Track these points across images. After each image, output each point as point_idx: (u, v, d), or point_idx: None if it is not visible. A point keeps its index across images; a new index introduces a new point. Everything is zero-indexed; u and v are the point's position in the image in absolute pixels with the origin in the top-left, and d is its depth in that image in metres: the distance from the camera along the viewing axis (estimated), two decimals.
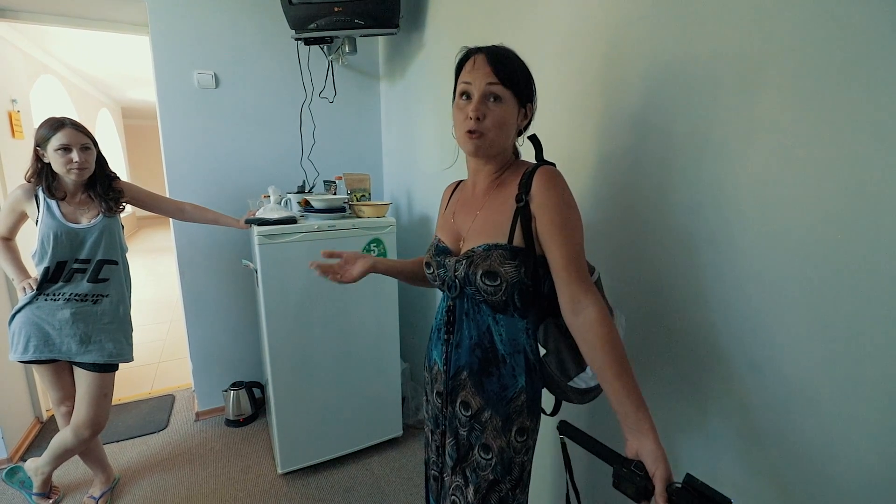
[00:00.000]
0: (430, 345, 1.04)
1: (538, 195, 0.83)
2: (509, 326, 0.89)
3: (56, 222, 1.52)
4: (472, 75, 0.85)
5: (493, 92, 0.84)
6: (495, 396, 0.90)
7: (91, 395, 1.63)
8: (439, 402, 0.99)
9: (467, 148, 0.88)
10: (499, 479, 0.91)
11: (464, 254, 0.90)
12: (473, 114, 0.84)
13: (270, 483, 1.95)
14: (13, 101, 2.46)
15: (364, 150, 2.63)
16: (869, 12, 0.65)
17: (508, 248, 0.84)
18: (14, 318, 1.57)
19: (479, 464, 0.92)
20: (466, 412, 0.92)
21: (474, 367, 0.91)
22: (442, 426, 0.99)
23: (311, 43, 2.18)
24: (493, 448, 0.91)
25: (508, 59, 0.86)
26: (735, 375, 0.88)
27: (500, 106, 0.84)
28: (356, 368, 2.02)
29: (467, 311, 0.93)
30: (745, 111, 0.82)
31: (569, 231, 0.82)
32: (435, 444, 1.03)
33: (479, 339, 0.91)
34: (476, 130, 0.84)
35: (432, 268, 0.97)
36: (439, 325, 0.99)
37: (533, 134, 0.95)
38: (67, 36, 3.78)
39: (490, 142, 0.86)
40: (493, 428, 0.91)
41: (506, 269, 0.83)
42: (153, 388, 2.85)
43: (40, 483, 1.79)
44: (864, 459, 0.71)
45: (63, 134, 1.47)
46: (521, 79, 0.86)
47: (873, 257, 0.67)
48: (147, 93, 6.78)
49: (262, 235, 1.74)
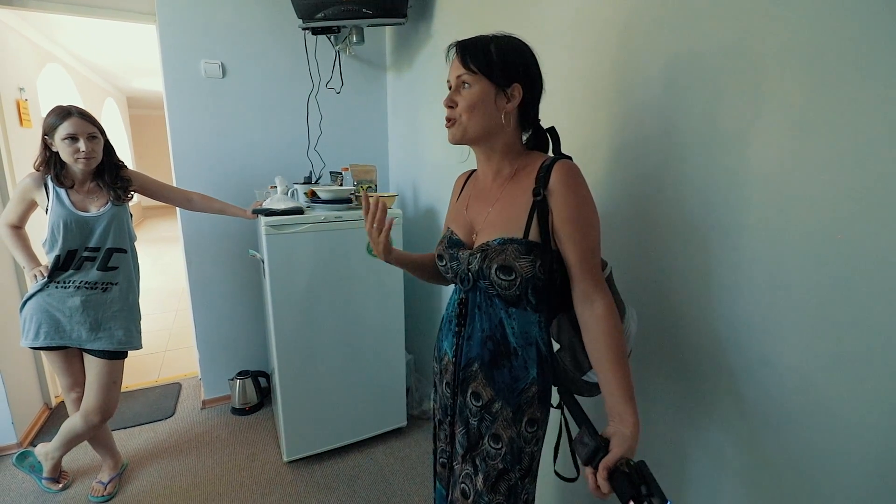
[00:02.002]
0: (441, 335, 1.04)
1: (556, 190, 0.83)
2: (522, 320, 0.90)
3: (66, 210, 1.53)
4: (449, 72, 0.91)
5: (463, 81, 0.88)
6: (506, 388, 0.90)
7: (101, 382, 1.66)
8: (448, 393, 0.99)
9: (449, 137, 0.93)
10: (508, 469, 0.92)
11: (478, 247, 0.90)
12: (445, 103, 0.90)
13: (276, 471, 1.98)
14: (21, 90, 2.47)
15: (370, 141, 2.62)
16: (880, 7, 0.64)
17: (524, 243, 0.84)
18: (25, 305, 1.58)
19: (489, 453, 0.93)
20: (477, 402, 0.93)
21: (485, 359, 0.91)
22: (451, 415, 0.99)
23: (319, 32, 2.17)
24: (503, 438, 0.91)
25: (479, 45, 0.87)
26: (745, 370, 0.88)
27: (468, 91, 0.87)
28: (361, 359, 2.03)
29: (479, 303, 0.92)
30: (754, 105, 0.81)
31: (586, 228, 0.84)
32: (444, 434, 1.04)
33: (490, 331, 0.91)
34: (449, 118, 0.90)
35: (445, 260, 0.97)
36: (450, 317, 0.99)
37: (551, 126, 0.94)
38: (74, 24, 3.77)
39: (463, 126, 0.88)
40: (504, 419, 0.91)
41: (521, 263, 0.83)
42: (160, 375, 2.88)
43: (50, 468, 1.82)
44: (870, 457, 0.70)
45: (70, 123, 1.47)
46: (495, 60, 0.85)
47: (883, 256, 0.66)
48: (152, 82, 6.77)
49: (270, 226, 1.75)
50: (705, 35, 0.89)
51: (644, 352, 1.10)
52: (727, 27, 0.85)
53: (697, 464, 1.00)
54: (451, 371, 0.97)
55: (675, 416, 1.04)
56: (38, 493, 1.83)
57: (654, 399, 1.08)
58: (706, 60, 0.89)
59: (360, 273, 1.96)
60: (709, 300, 0.93)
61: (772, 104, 0.79)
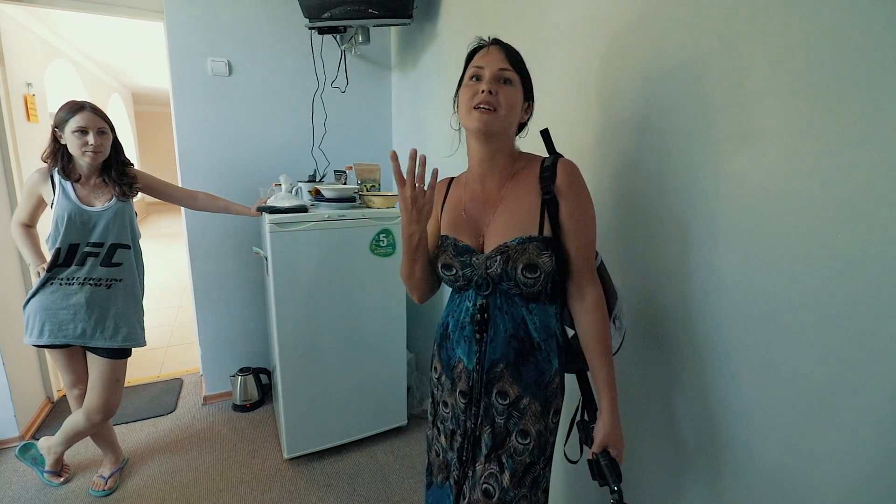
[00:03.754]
0: (448, 343, 0.98)
1: (564, 187, 0.88)
2: (542, 314, 0.92)
3: (71, 204, 1.54)
4: (484, 60, 0.89)
5: (505, 76, 0.88)
6: (534, 383, 0.91)
7: (103, 381, 1.66)
8: (463, 402, 0.95)
9: (474, 124, 0.87)
10: (535, 462, 0.93)
11: (495, 249, 0.89)
12: (487, 86, 0.85)
13: (276, 467, 1.98)
14: (28, 85, 2.48)
15: (374, 140, 2.63)
16: (866, 14, 0.65)
17: (542, 240, 0.87)
18: (29, 303, 1.59)
19: (517, 449, 0.93)
20: (504, 401, 0.92)
21: (511, 358, 0.90)
22: (474, 421, 0.95)
23: (325, 32, 2.18)
24: (531, 433, 0.92)
25: (518, 53, 0.92)
26: (737, 372, 0.88)
27: (511, 88, 0.88)
28: (363, 358, 2.04)
29: (500, 305, 0.91)
30: (743, 109, 0.82)
31: (587, 225, 0.90)
32: (456, 445, 0.99)
33: (514, 330, 0.90)
34: (488, 104, 0.85)
35: (455, 269, 0.93)
36: (462, 324, 0.95)
37: (545, 128, 0.97)
38: (81, 21, 3.80)
39: (500, 119, 0.87)
40: (533, 413, 0.92)
41: (543, 260, 0.86)
42: (162, 371, 2.89)
43: (52, 461, 1.83)
44: (869, 459, 0.71)
45: (81, 116, 1.48)
46: (527, 74, 0.92)
47: (876, 257, 0.66)
48: (158, 79, 6.80)
49: (274, 223, 1.76)
50: (694, 39, 0.90)
51: (633, 352, 1.11)
52: (714, 32, 0.86)
53: (694, 466, 1.00)
54: (466, 378, 0.94)
55: (667, 415, 1.04)
56: (39, 485, 1.84)
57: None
58: (695, 64, 0.90)
59: (362, 272, 1.96)
60: (698, 301, 0.94)
61: (760, 108, 0.80)
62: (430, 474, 1.09)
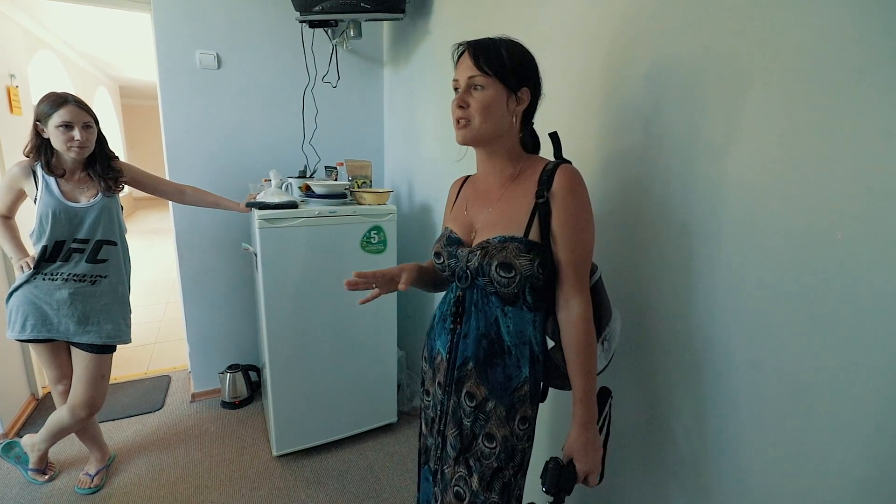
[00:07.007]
0: (433, 334, 1.03)
1: (558, 193, 0.86)
2: (517, 318, 0.91)
3: (55, 200, 1.51)
4: (458, 72, 0.90)
5: (475, 83, 0.88)
6: (500, 387, 0.91)
7: (88, 377, 1.64)
8: (440, 393, 0.99)
9: (457, 137, 0.92)
10: (502, 467, 0.93)
11: (478, 244, 0.91)
12: (456, 103, 0.89)
13: (265, 465, 1.97)
14: (11, 76, 2.43)
15: (366, 136, 2.61)
16: (862, 14, 0.66)
17: (524, 242, 0.86)
18: (11, 297, 1.56)
19: (483, 453, 0.93)
20: (471, 403, 0.93)
21: (480, 358, 0.92)
22: (443, 415, 0.99)
23: (316, 26, 2.15)
24: (496, 437, 0.92)
25: (491, 48, 0.87)
26: (732, 372, 0.89)
27: (481, 92, 0.87)
28: (353, 354, 2.03)
29: (476, 301, 0.93)
30: (737, 110, 0.82)
31: (581, 234, 0.87)
32: (434, 433, 1.03)
33: (486, 329, 0.92)
34: (461, 118, 0.89)
35: (443, 257, 0.97)
36: (445, 315, 0.99)
37: (554, 131, 0.95)
38: (65, 11, 3.72)
39: (476, 128, 0.88)
40: (497, 417, 0.92)
41: (521, 261, 0.85)
42: (149, 368, 2.86)
43: (36, 459, 1.81)
44: (858, 460, 0.72)
45: (65, 111, 1.45)
46: (508, 64, 0.87)
47: (871, 258, 0.67)
48: (146, 72, 6.69)
49: (263, 219, 1.74)
50: (690, 41, 0.90)
51: (629, 351, 1.11)
52: (712, 34, 0.86)
53: (689, 466, 1.01)
54: (443, 370, 0.97)
55: (662, 416, 1.05)
56: (23, 484, 1.82)
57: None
58: (691, 66, 0.90)
59: (353, 268, 1.90)
60: (695, 301, 0.94)
61: (755, 110, 0.80)
62: (420, 456, 1.15)
